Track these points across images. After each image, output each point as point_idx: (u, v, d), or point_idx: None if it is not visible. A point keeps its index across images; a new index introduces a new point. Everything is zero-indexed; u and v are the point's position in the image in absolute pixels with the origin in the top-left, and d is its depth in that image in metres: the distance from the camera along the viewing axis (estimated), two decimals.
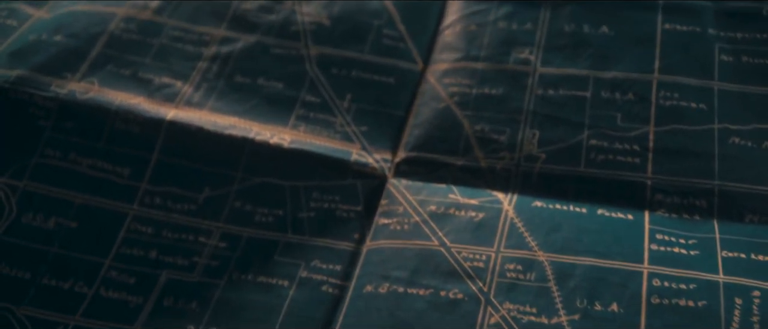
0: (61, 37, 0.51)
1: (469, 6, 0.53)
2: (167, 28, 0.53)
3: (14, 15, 0.55)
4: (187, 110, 0.48)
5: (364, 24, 0.53)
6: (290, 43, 0.52)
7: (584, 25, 0.50)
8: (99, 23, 0.53)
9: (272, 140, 0.46)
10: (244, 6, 0.54)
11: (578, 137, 0.45)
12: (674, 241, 0.39)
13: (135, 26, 0.53)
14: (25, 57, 0.50)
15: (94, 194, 0.45)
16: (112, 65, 0.50)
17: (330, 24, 0.53)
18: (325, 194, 0.45)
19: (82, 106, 0.47)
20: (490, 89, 0.48)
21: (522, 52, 0.50)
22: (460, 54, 0.50)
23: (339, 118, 0.48)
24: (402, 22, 0.53)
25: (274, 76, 0.50)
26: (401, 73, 0.50)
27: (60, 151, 0.46)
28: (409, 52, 0.52)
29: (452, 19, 0.53)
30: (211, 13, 0.54)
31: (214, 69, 0.50)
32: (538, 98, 0.47)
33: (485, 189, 0.43)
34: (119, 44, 0.51)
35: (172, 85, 0.49)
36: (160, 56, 0.51)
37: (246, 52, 0.52)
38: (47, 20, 0.54)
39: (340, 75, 0.50)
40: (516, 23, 0.51)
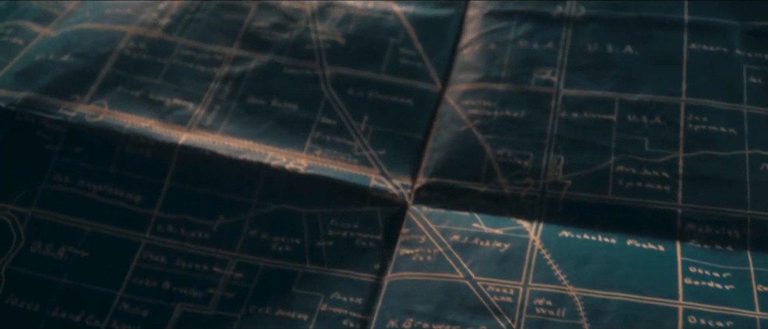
0: (68, 56, 0.50)
1: (488, 24, 0.52)
2: (178, 47, 0.52)
3: (20, 33, 0.54)
4: (200, 133, 0.47)
5: (380, 42, 0.52)
6: (304, 62, 0.51)
7: (607, 44, 0.49)
8: (108, 42, 0.51)
9: (288, 165, 0.45)
10: (257, 24, 0.53)
11: (605, 162, 0.44)
12: (708, 275, 0.38)
13: (145, 45, 0.52)
14: (31, 78, 0.49)
15: (105, 222, 0.44)
16: (122, 86, 0.49)
17: (345, 42, 0.52)
18: (343, 222, 0.43)
19: (91, 129, 0.46)
20: (512, 111, 0.47)
21: (544, 73, 0.48)
22: (480, 74, 0.49)
23: (356, 141, 0.47)
24: (419, 41, 0.52)
25: (289, 97, 0.49)
26: (419, 94, 0.49)
27: (69, 177, 0.45)
28: (426, 72, 0.50)
29: (471, 37, 0.52)
30: (222, 31, 0.53)
31: (226, 90, 0.49)
32: (562, 121, 0.46)
33: (510, 217, 0.42)
34: (129, 64, 0.50)
35: (184, 107, 0.48)
36: (171, 77, 0.50)
37: (259, 72, 0.50)
38: (54, 39, 0.53)
39: (356, 96, 0.49)
40: (537, 42, 0.50)
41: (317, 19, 0.54)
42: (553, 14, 0.52)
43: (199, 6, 0.54)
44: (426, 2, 0.55)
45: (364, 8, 0.54)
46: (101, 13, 0.54)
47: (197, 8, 0.54)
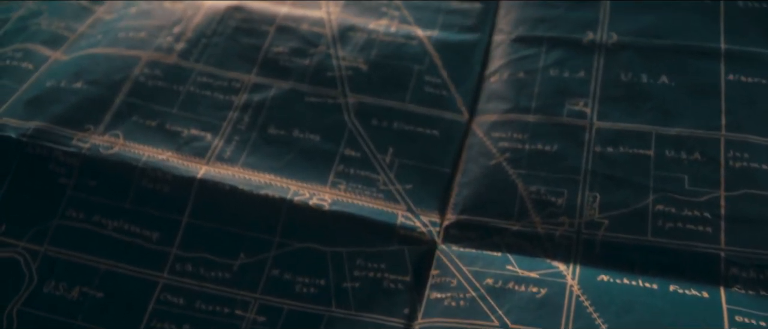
0: (81, 83, 0.49)
1: (516, 50, 0.51)
2: (194, 73, 0.51)
3: (30, 57, 0.52)
4: (219, 166, 0.45)
5: (404, 69, 0.51)
6: (326, 90, 0.50)
7: (642, 74, 0.48)
8: (122, 69, 0.50)
9: (312, 201, 0.44)
10: (275, 49, 0.52)
11: (643, 201, 0.42)
12: (754, 324, 0.37)
13: (160, 72, 0.50)
14: (43, 106, 0.48)
15: (121, 260, 0.42)
16: (137, 116, 0.48)
17: (368, 69, 0.51)
18: (370, 262, 0.42)
19: (106, 162, 0.45)
20: (544, 144, 0.45)
21: (576, 104, 0.47)
22: (510, 104, 0.48)
23: (381, 175, 0.46)
24: (444, 68, 0.51)
25: (311, 127, 0.48)
26: (446, 125, 0.48)
27: (83, 212, 0.44)
28: (453, 101, 0.49)
29: (498, 64, 0.51)
30: (240, 56, 0.52)
31: (245, 120, 0.48)
32: (596, 156, 0.45)
33: (544, 259, 0.41)
34: (144, 92, 0.49)
35: (202, 138, 0.47)
36: (188, 105, 0.49)
37: (279, 100, 0.49)
38: (66, 63, 0.51)
39: (380, 127, 0.48)
40: (568, 71, 0.49)
41: (338, 44, 0.52)
42: (584, 41, 0.50)
43: (215, 30, 0.53)
44: (450, 26, 0.54)
45: (387, 32, 0.53)
46: (114, 37, 0.53)
47: (213, 32, 0.53)
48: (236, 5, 0.55)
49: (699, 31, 0.50)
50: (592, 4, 0.53)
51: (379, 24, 0.54)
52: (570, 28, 0.51)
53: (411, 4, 0.56)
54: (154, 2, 0.56)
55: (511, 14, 0.54)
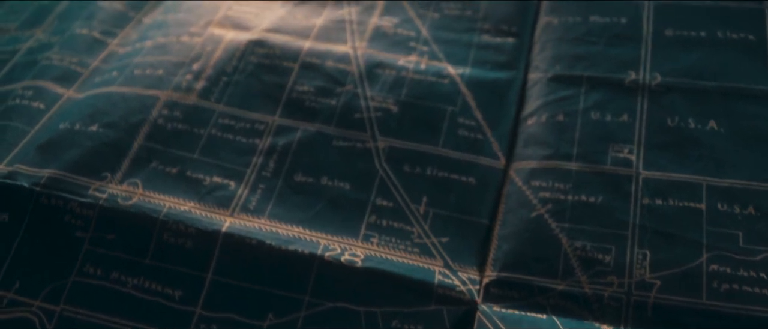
0: (96, 126, 0.47)
1: (554, 90, 0.49)
2: (216, 114, 0.49)
3: (41, 95, 0.51)
4: (244, 218, 0.44)
5: (437, 111, 0.49)
6: (355, 133, 0.48)
7: (689, 118, 0.46)
8: (139, 110, 0.48)
9: (343, 257, 0.42)
10: (300, 88, 0.50)
11: (696, 260, 0.41)
12: None
13: (180, 113, 0.48)
14: (56, 152, 0.46)
15: (142, 321, 0.40)
16: (156, 162, 0.46)
17: (398, 110, 0.49)
18: (406, 323, 0.40)
19: (125, 214, 0.43)
20: (588, 195, 0.44)
21: (621, 151, 0.45)
22: (549, 150, 0.46)
23: (416, 227, 0.44)
24: (478, 109, 0.49)
25: (340, 174, 0.46)
26: (482, 172, 0.46)
27: (101, 268, 0.42)
28: (488, 146, 0.47)
29: (535, 105, 0.49)
30: (263, 95, 0.50)
31: (271, 165, 0.46)
32: (644, 209, 0.43)
33: (593, 322, 0.39)
34: (163, 136, 0.47)
35: (226, 186, 0.45)
36: (210, 150, 0.47)
37: (305, 144, 0.47)
38: (79, 103, 0.49)
39: (413, 173, 0.46)
40: (610, 114, 0.47)
41: (366, 82, 0.51)
42: (626, 82, 0.49)
43: (236, 66, 0.51)
44: (483, 63, 0.52)
45: (417, 70, 0.51)
46: (130, 74, 0.51)
47: (234, 69, 0.51)
48: (257, 39, 0.53)
49: (745, 71, 0.48)
50: (632, 40, 0.51)
51: (408, 60, 0.52)
52: (610, 66, 0.50)
53: (440, 38, 0.54)
54: (170, 36, 0.54)
55: (546, 50, 0.52)
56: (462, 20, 0.55)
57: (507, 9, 0.55)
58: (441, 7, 0.56)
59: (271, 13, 0.56)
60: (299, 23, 0.55)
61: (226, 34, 0.54)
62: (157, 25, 0.57)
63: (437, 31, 0.54)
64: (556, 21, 0.54)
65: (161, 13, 0.59)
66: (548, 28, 0.53)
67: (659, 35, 0.51)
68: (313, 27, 0.55)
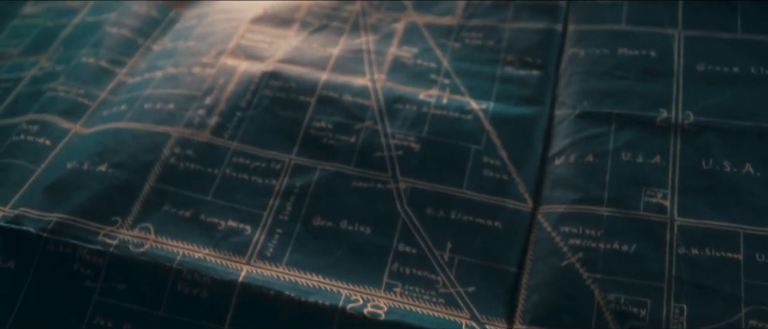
0: (106, 166, 0.46)
1: (582, 128, 0.48)
2: (230, 153, 0.47)
3: (47, 130, 0.49)
4: (262, 266, 0.42)
5: (460, 149, 0.47)
6: (375, 173, 0.46)
7: (724, 161, 0.45)
8: (150, 149, 0.47)
9: (366, 309, 0.40)
10: (317, 124, 0.49)
11: (735, 315, 0.39)
12: None
13: (192, 152, 0.47)
14: (64, 194, 0.44)
15: None
16: (168, 205, 0.44)
17: (420, 149, 0.47)
18: None
19: (136, 262, 0.41)
20: (621, 243, 0.42)
21: (654, 195, 0.44)
22: (579, 194, 0.45)
23: (441, 275, 0.42)
24: (504, 147, 0.48)
25: (360, 217, 0.45)
26: (509, 216, 0.45)
27: (112, 320, 0.40)
28: (515, 187, 0.46)
29: (563, 144, 0.47)
30: (279, 132, 0.48)
31: (288, 208, 0.45)
32: (680, 260, 0.41)
33: None
34: (175, 176, 0.46)
35: (242, 230, 0.44)
36: (224, 191, 0.45)
37: (324, 185, 0.46)
38: (87, 139, 0.48)
39: (437, 217, 0.45)
40: (642, 155, 0.46)
41: (386, 118, 0.49)
42: (658, 120, 0.47)
43: (250, 101, 0.50)
44: (507, 97, 0.50)
45: (439, 105, 0.50)
46: (140, 109, 0.49)
47: (248, 104, 0.50)
48: (272, 71, 0.52)
49: None
50: (663, 75, 0.50)
51: (430, 94, 0.50)
52: (641, 103, 0.48)
53: (462, 69, 0.52)
54: (181, 67, 0.53)
55: (573, 85, 0.51)
56: (484, 51, 0.54)
57: (530, 39, 0.54)
58: (462, 36, 0.55)
59: (285, 42, 0.55)
60: (315, 53, 0.53)
61: (240, 64, 0.52)
62: (167, 53, 0.55)
63: (458, 62, 0.53)
64: (582, 53, 0.52)
65: (170, 39, 0.57)
66: (574, 61, 0.52)
67: (691, 70, 0.50)
68: (330, 57, 0.53)
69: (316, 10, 0.57)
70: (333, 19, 0.57)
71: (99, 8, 0.61)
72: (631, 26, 0.53)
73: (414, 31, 0.56)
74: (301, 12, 0.57)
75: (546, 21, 0.55)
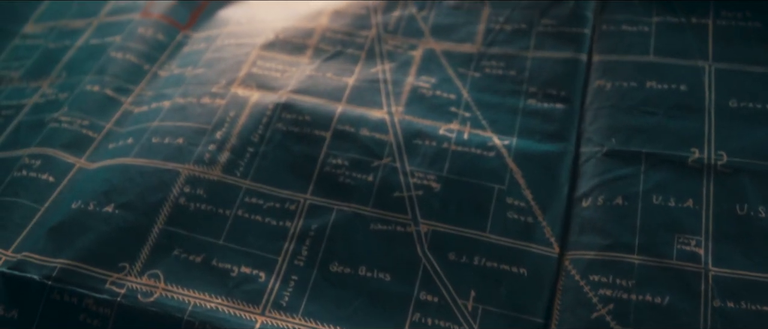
0: (112, 207, 0.44)
1: (610, 168, 0.46)
2: (242, 192, 0.45)
3: (50, 166, 0.47)
4: (277, 316, 0.40)
5: (483, 190, 0.46)
6: (394, 215, 0.45)
7: (759, 206, 0.43)
8: (159, 187, 0.45)
9: None
10: (334, 161, 0.47)
11: None
12: None
13: (203, 191, 0.45)
14: (69, 237, 0.42)
15: None
16: (179, 249, 0.43)
17: (440, 189, 0.46)
18: None
19: (145, 313, 0.40)
20: (654, 295, 0.41)
21: (688, 243, 0.42)
22: (609, 240, 0.43)
23: (464, 327, 0.41)
24: (528, 187, 0.46)
25: (379, 263, 0.43)
26: (534, 262, 0.43)
27: None
28: (540, 231, 0.44)
29: (590, 184, 0.46)
30: (293, 169, 0.47)
31: (303, 253, 0.43)
32: (716, 313, 0.40)
33: None
34: (186, 218, 0.44)
35: (256, 277, 0.42)
36: (236, 235, 0.43)
37: (341, 228, 0.44)
38: (93, 176, 0.46)
39: (459, 263, 0.43)
40: (674, 198, 0.44)
41: (405, 155, 0.47)
42: (689, 161, 0.45)
43: (263, 135, 0.48)
44: (530, 132, 0.49)
45: (459, 140, 0.48)
46: (147, 143, 0.47)
47: (261, 138, 0.48)
48: (285, 102, 0.50)
49: None
50: (693, 111, 0.48)
51: (450, 129, 0.49)
52: (671, 142, 0.46)
53: (483, 101, 0.50)
54: (190, 97, 0.51)
55: (600, 120, 0.49)
56: (505, 81, 0.52)
57: (554, 69, 0.52)
58: (482, 65, 0.53)
59: (298, 70, 0.53)
60: (330, 83, 0.52)
61: (251, 95, 0.51)
62: (175, 80, 0.53)
63: (479, 93, 0.51)
64: (609, 85, 0.50)
65: (178, 65, 0.55)
66: (600, 94, 0.50)
67: (723, 107, 0.48)
68: (346, 87, 0.51)
69: (329, 35, 0.56)
70: (348, 45, 0.55)
71: (103, 29, 0.59)
72: (660, 57, 0.51)
73: (432, 58, 0.54)
74: (315, 38, 0.55)
75: (570, 50, 0.53)
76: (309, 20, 0.57)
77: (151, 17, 0.59)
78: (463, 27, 0.56)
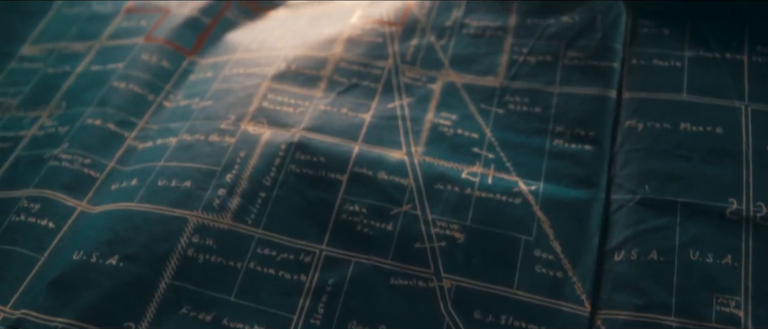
0: (116, 259, 0.41)
1: (643, 218, 0.44)
2: (254, 242, 0.43)
3: (50, 210, 0.45)
4: None
5: (509, 241, 0.43)
6: (416, 269, 0.42)
7: None
8: (165, 237, 0.42)
9: None
10: (350, 207, 0.44)
11: None
12: None
13: (212, 241, 0.43)
14: (71, 293, 0.40)
15: None
16: (187, 307, 0.40)
17: (464, 239, 0.43)
18: None
19: None
20: None
21: (727, 304, 0.40)
22: (643, 299, 0.41)
23: None
24: (557, 238, 0.43)
25: (401, 322, 0.40)
26: (564, 321, 0.41)
27: None
28: (571, 287, 0.42)
29: (622, 236, 0.43)
30: (308, 216, 0.44)
31: (320, 311, 0.41)
32: None
33: None
34: (194, 272, 0.41)
35: None
36: (249, 290, 0.41)
37: (359, 283, 0.42)
38: (95, 222, 0.44)
39: (486, 322, 0.41)
40: (712, 254, 0.42)
41: (426, 201, 0.45)
42: (728, 212, 0.43)
43: (275, 178, 0.45)
44: (558, 176, 0.46)
45: (483, 186, 0.45)
46: (153, 186, 0.45)
47: (274, 182, 0.45)
48: (298, 141, 0.47)
49: None
50: (731, 157, 0.45)
51: (473, 172, 0.46)
52: (708, 190, 0.44)
53: (507, 141, 0.48)
54: (197, 134, 0.48)
55: (631, 164, 0.46)
56: (530, 119, 0.49)
57: (582, 106, 0.49)
58: (505, 101, 0.50)
59: (312, 105, 0.50)
60: (345, 119, 0.49)
61: (262, 133, 0.48)
62: (181, 113, 0.51)
63: (503, 132, 0.49)
64: (640, 126, 0.48)
65: (184, 96, 0.53)
66: (632, 135, 0.48)
67: (762, 153, 0.46)
68: (362, 124, 0.49)
69: (344, 66, 0.53)
70: (363, 77, 0.52)
71: (105, 54, 0.56)
72: (694, 96, 0.49)
73: (452, 92, 0.51)
74: (328, 68, 0.53)
75: (598, 86, 0.50)
76: (322, 49, 0.54)
77: (154, 42, 0.56)
78: (484, 58, 0.53)
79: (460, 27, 0.55)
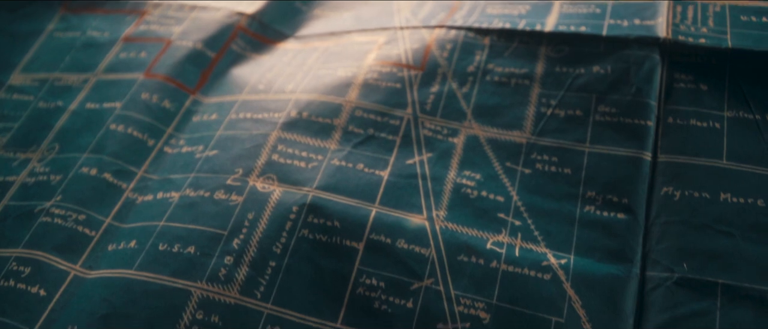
0: None
1: (682, 300, 0.41)
2: (264, 319, 0.40)
3: (40, 275, 0.41)
4: None
5: (539, 323, 0.40)
6: None
7: None
8: (167, 313, 0.39)
9: None
10: (367, 281, 0.41)
11: None
12: None
13: (218, 318, 0.39)
14: None
15: None
16: None
17: (490, 321, 0.40)
18: None
19: None
20: None
21: None
22: None
23: None
24: (589, 321, 0.41)
25: None
26: None
27: None
28: None
29: (659, 320, 0.40)
30: (321, 291, 0.41)
31: None
32: None
33: None
34: None
35: None
36: None
37: None
38: (90, 291, 0.40)
39: None
40: None
41: (448, 275, 0.42)
42: None
43: (286, 246, 0.42)
44: (590, 248, 0.43)
45: (510, 259, 0.42)
46: (153, 251, 0.42)
47: (284, 249, 0.42)
48: (311, 202, 0.44)
49: None
50: None
51: (499, 241, 0.43)
52: (750, 272, 0.41)
53: (535, 207, 0.45)
54: (201, 190, 0.45)
55: (668, 238, 0.43)
56: (559, 181, 0.46)
57: (614, 168, 0.46)
58: (532, 159, 0.47)
59: (325, 159, 0.47)
60: (361, 177, 0.46)
61: (272, 191, 0.45)
62: (184, 163, 0.47)
63: (530, 195, 0.46)
64: (677, 195, 0.45)
65: (187, 142, 0.49)
66: (668, 205, 0.45)
67: None
68: (380, 183, 0.46)
69: (359, 114, 0.50)
70: (380, 128, 0.49)
71: (101, 90, 0.53)
72: (733, 163, 0.46)
73: (475, 147, 0.48)
74: (343, 117, 0.49)
75: (632, 146, 0.47)
76: (336, 94, 0.51)
77: (155, 78, 0.52)
78: (509, 109, 0.50)
79: (484, 73, 0.52)
